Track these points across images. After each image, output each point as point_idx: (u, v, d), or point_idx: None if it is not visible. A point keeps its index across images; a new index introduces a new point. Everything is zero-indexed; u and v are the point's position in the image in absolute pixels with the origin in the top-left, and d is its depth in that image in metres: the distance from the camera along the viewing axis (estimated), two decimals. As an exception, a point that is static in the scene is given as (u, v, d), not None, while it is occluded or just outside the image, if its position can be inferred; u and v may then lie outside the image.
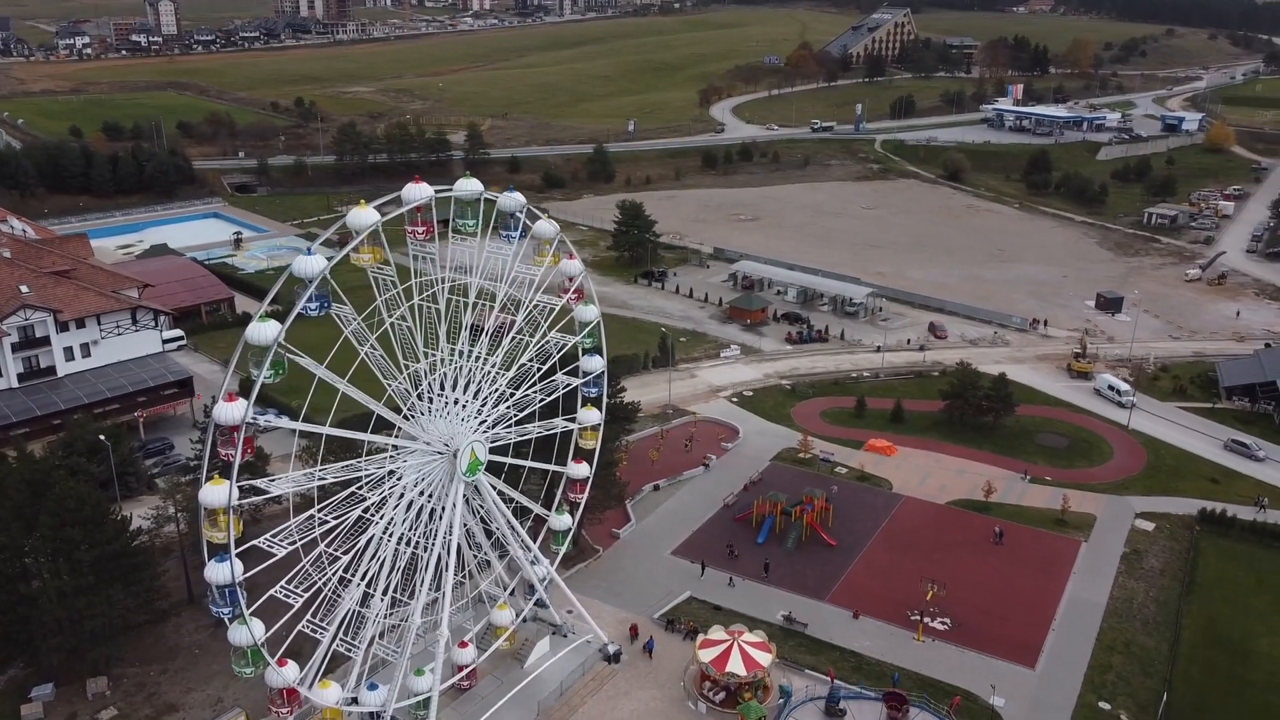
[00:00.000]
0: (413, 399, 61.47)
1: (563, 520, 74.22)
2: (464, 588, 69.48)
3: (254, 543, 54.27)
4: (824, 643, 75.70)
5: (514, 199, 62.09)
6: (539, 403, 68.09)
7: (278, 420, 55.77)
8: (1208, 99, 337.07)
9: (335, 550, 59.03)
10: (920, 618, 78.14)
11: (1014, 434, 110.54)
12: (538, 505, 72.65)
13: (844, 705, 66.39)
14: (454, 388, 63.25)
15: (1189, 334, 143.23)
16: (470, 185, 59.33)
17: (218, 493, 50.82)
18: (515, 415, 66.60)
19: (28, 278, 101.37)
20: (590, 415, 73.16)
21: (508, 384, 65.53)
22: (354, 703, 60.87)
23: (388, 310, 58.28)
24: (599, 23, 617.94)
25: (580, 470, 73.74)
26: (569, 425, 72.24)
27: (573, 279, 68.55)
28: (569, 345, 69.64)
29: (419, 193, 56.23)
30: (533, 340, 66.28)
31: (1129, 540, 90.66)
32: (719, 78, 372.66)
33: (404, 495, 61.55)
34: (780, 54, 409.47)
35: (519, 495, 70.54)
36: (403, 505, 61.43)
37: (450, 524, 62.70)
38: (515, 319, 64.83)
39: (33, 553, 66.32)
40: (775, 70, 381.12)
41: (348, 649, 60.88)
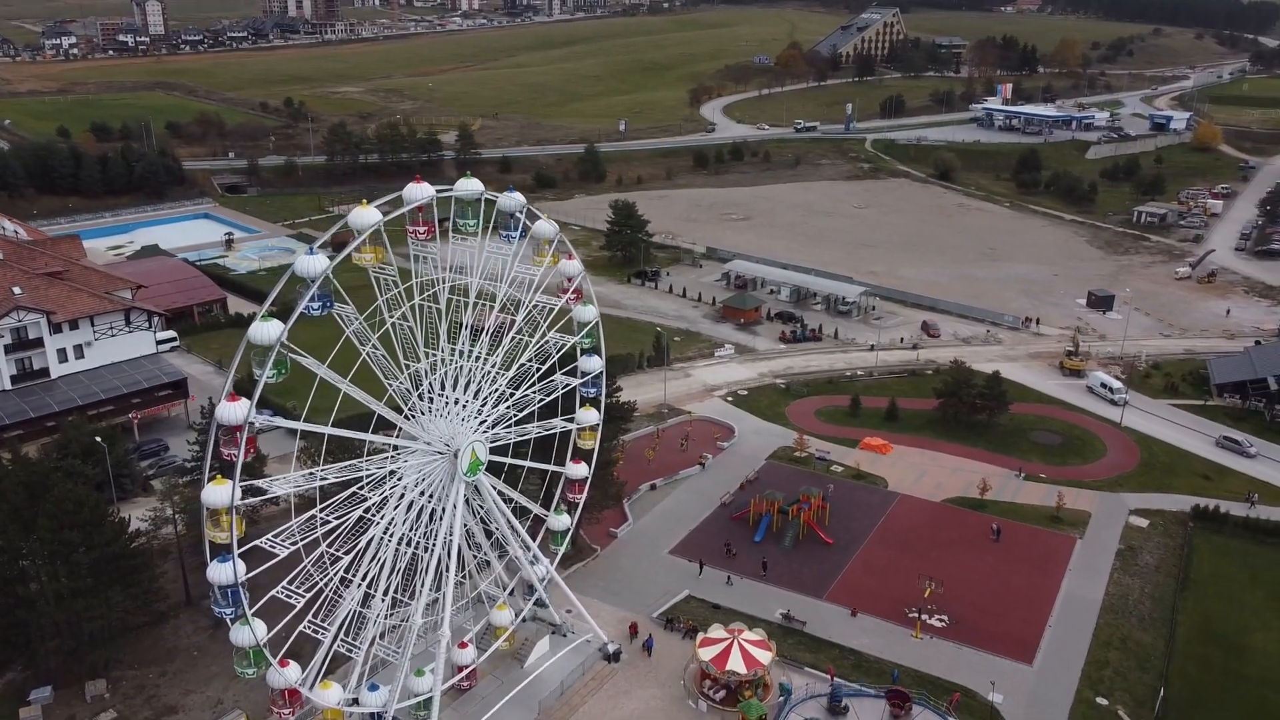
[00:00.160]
0: (413, 399, 61.45)
1: (561, 520, 74.30)
2: (464, 588, 69.47)
3: (256, 543, 54.16)
4: (823, 640, 75.97)
5: (514, 199, 62.14)
6: (538, 403, 68.17)
7: (279, 420, 55.44)
8: (1195, 98, 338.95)
9: (336, 550, 58.98)
10: (918, 615, 78.46)
11: (1008, 432, 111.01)
12: (537, 505, 72.70)
13: (847, 703, 66.55)
14: (454, 387, 63.25)
15: (1180, 332, 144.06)
16: (471, 185, 59.41)
17: (220, 493, 50.70)
18: (515, 415, 66.68)
19: (20, 279, 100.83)
20: (589, 415, 73.24)
21: (507, 384, 65.60)
22: (355, 703, 60.84)
23: (388, 310, 58.24)
24: (588, 22, 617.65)
25: (579, 470, 73.79)
26: (568, 425, 72.32)
27: (572, 279, 68.64)
28: (568, 345, 69.72)
29: (420, 192, 56.28)
30: (532, 340, 66.35)
31: (1123, 537, 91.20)
32: (709, 77, 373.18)
33: (404, 495, 61.54)
34: (770, 54, 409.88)
35: (518, 495, 70.57)
36: (403, 505, 61.43)
37: (451, 524, 62.70)
38: (514, 319, 64.89)
39: (31, 555, 66.05)
40: (765, 70, 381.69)
41: (348, 649, 60.89)
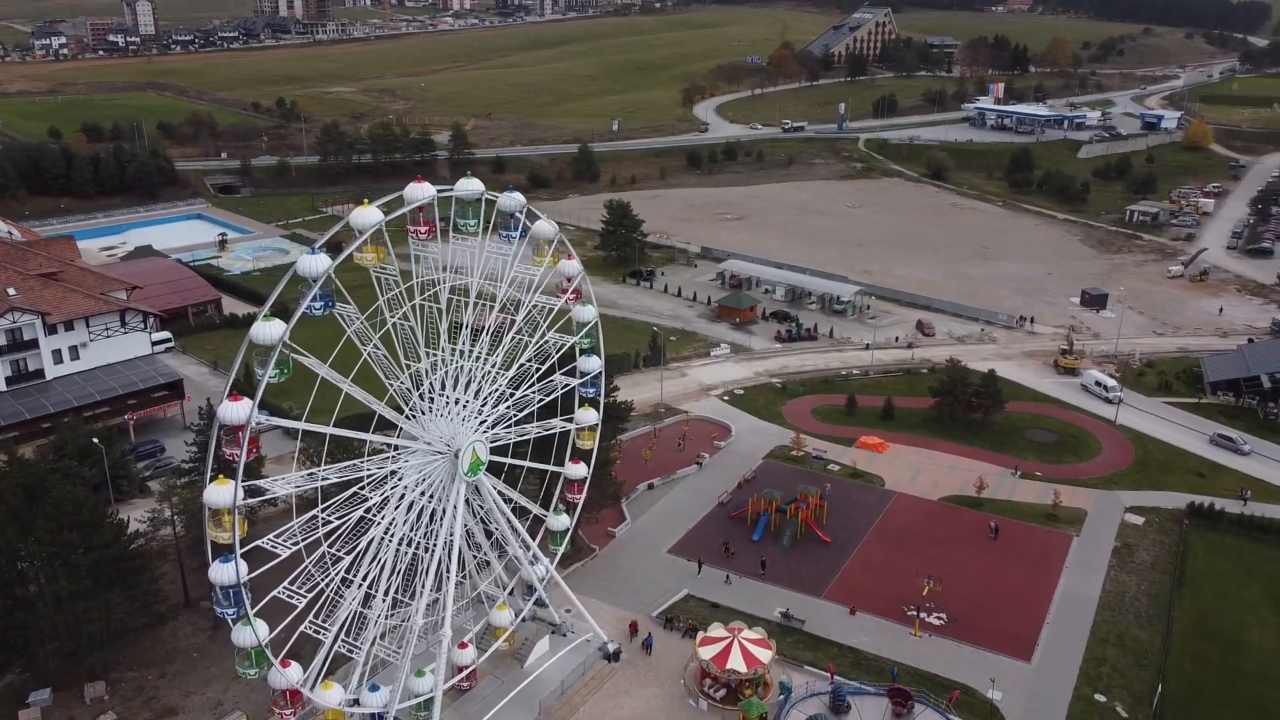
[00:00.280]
0: (414, 399, 61.43)
1: (561, 521, 74.35)
2: (463, 588, 69.44)
3: (258, 543, 54.08)
4: (822, 639, 76.13)
5: (514, 199, 62.14)
6: (537, 403, 68.18)
7: (280, 421, 55.34)
8: (1186, 97, 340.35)
9: (337, 551, 58.93)
10: (916, 613, 78.69)
11: (1003, 430, 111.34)
12: (536, 506, 72.71)
13: (849, 701, 66.67)
14: (454, 387, 63.24)
15: (1173, 330, 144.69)
16: (471, 185, 59.45)
17: (223, 493, 50.65)
18: (515, 415, 66.68)
19: (15, 280, 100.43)
20: (588, 415, 73.28)
21: (507, 384, 65.61)
22: (355, 704, 60.77)
23: (389, 310, 58.22)
24: (580, 22, 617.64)
25: (578, 470, 73.84)
26: (567, 426, 72.34)
27: (571, 279, 68.67)
28: (567, 345, 69.74)
29: (421, 192, 56.32)
30: (532, 340, 66.37)
31: (1119, 534, 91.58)
32: (701, 77, 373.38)
33: (405, 496, 61.50)
34: (762, 54, 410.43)
35: (518, 495, 70.57)
36: (404, 506, 61.39)
37: (452, 524, 62.68)
38: (514, 319, 64.90)
39: (29, 557, 65.79)
40: (758, 70, 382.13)
41: (349, 650, 60.86)
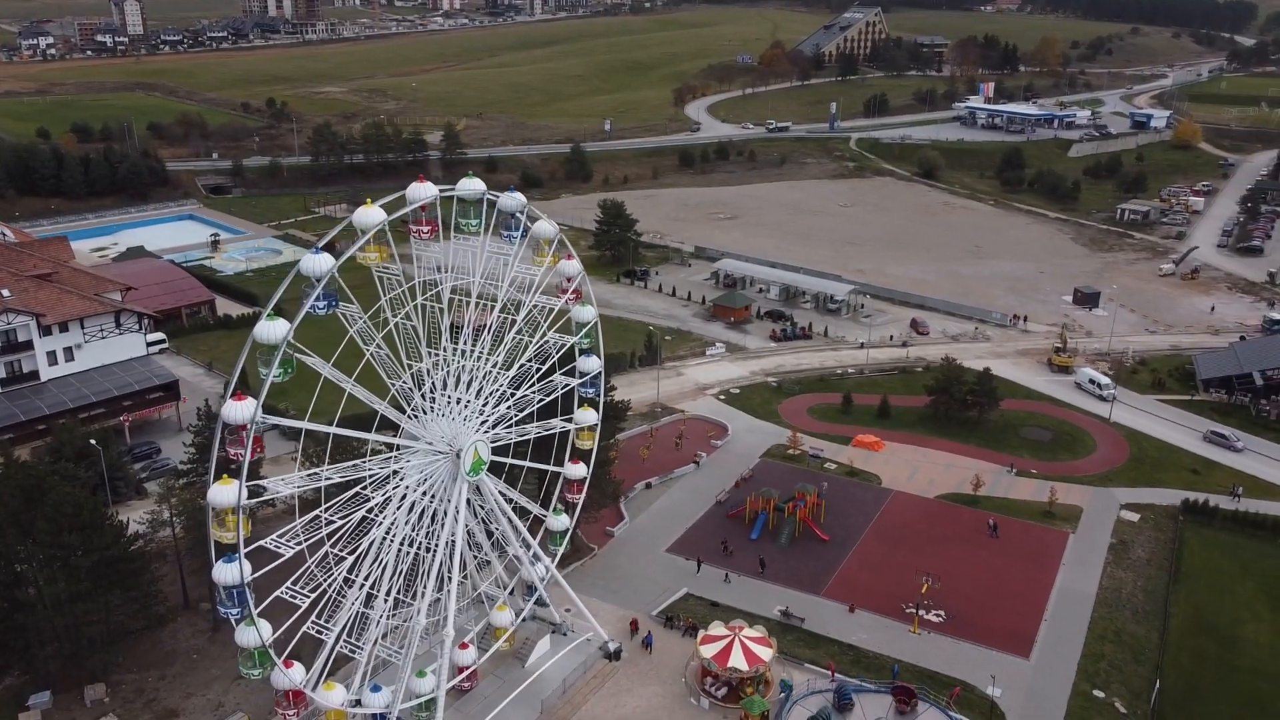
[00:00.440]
0: (416, 398, 61.40)
1: (560, 521, 74.38)
2: (464, 588, 69.42)
3: (261, 543, 53.97)
4: (821, 637, 76.37)
5: (515, 199, 62.12)
6: (537, 403, 68.19)
7: (284, 420, 55.23)
8: (1174, 96, 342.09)
9: (340, 551, 58.87)
10: (915, 610, 78.99)
11: (999, 428, 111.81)
12: (536, 506, 72.73)
13: (854, 699, 66.83)
14: (456, 386, 63.22)
15: (1165, 328, 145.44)
16: (473, 185, 59.48)
17: (226, 493, 50.60)
18: (515, 415, 66.68)
19: (9, 281, 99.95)
20: (587, 415, 73.33)
21: (507, 384, 65.61)
22: (358, 704, 60.72)
23: (392, 309, 58.18)
24: (570, 22, 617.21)
25: (577, 471, 73.92)
26: (567, 426, 72.37)
27: (571, 279, 68.67)
28: (567, 346, 69.77)
29: (424, 192, 56.32)
30: (532, 340, 66.39)
31: (1115, 531, 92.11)
32: (693, 77, 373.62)
33: (406, 496, 61.44)
34: (753, 53, 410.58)
35: (518, 495, 70.57)
36: (405, 506, 61.32)
37: (454, 524, 62.66)
38: (514, 319, 64.89)
39: (28, 559, 65.53)
40: (749, 69, 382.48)
41: (351, 650, 60.83)
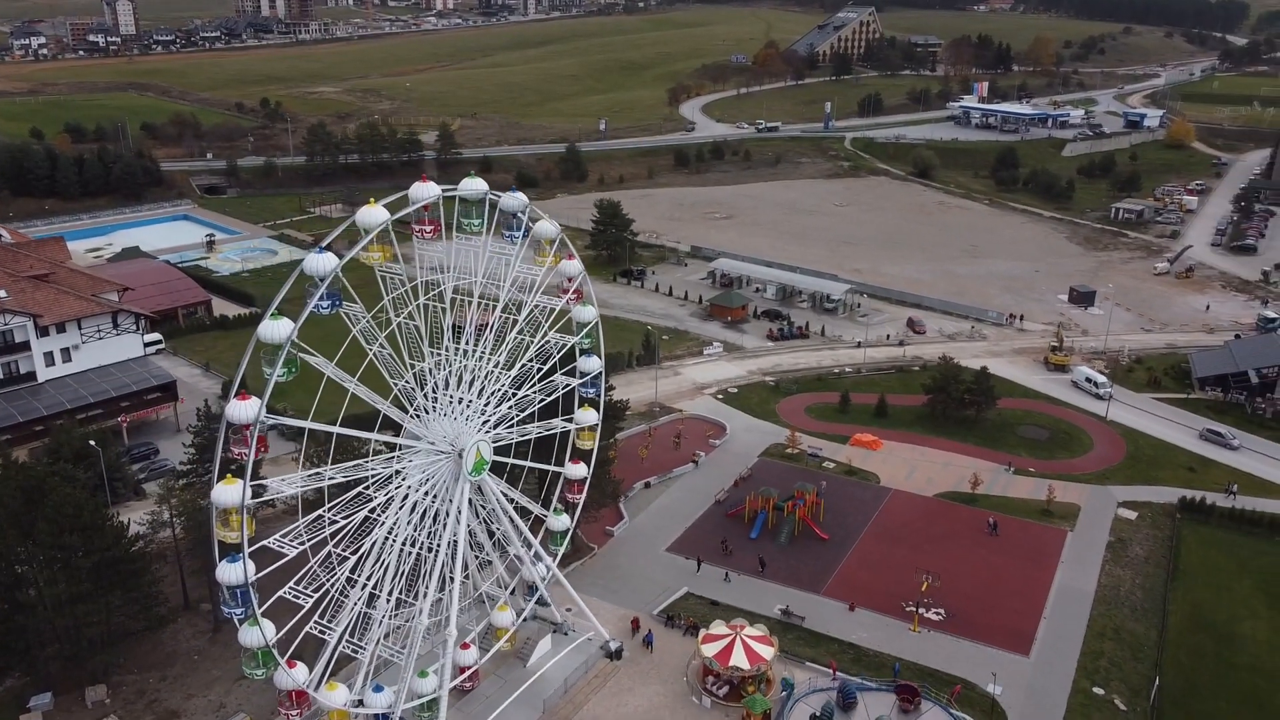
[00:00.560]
0: (419, 398, 61.40)
1: (561, 521, 74.38)
2: (465, 588, 69.40)
3: (264, 542, 53.93)
4: (822, 635, 76.55)
5: (517, 199, 62.13)
6: (538, 403, 68.22)
7: (287, 420, 55.14)
8: (1167, 96, 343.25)
9: (343, 551, 58.85)
10: (915, 609, 79.19)
11: (996, 427, 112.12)
12: (537, 506, 72.76)
13: (858, 698, 67.01)
14: (458, 386, 63.23)
15: (1160, 326, 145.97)
16: (475, 184, 59.55)
17: (231, 492, 50.59)
18: (516, 415, 66.71)
19: (5, 282, 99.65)
20: (588, 416, 73.38)
21: (509, 384, 65.65)
22: (360, 705, 60.70)
23: (394, 309, 58.18)
24: (563, 22, 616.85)
25: (578, 471, 73.98)
26: (568, 426, 72.40)
27: (572, 279, 68.72)
28: (568, 346, 69.81)
29: (427, 191, 56.34)
30: (534, 340, 66.43)
31: (1113, 529, 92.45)
32: (687, 76, 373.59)
33: (408, 497, 61.42)
34: (747, 53, 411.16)
35: (519, 495, 70.60)
36: (407, 506, 61.31)
37: (456, 524, 62.66)
38: (515, 318, 64.93)
39: (29, 560, 65.37)
40: (743, 69, 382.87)
41: (353, 650, 60.82)
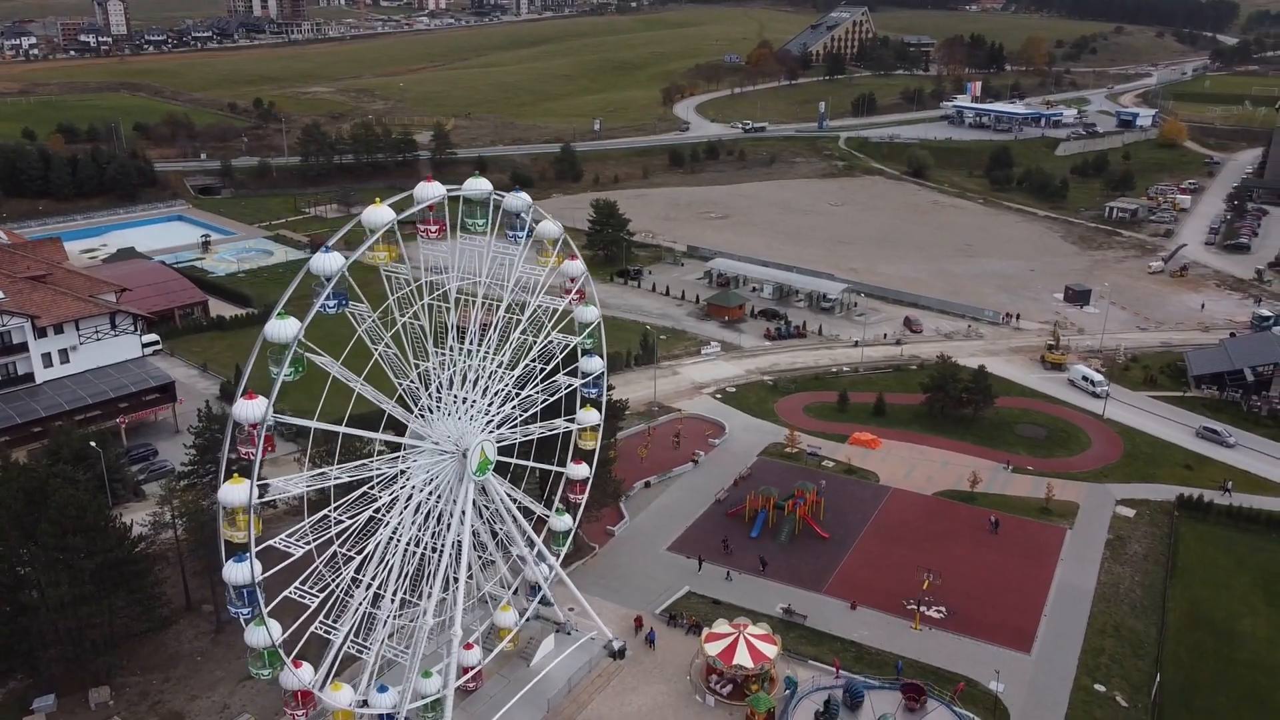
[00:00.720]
0: (423, 398, 61.42)
1: (563, 521, 74.35)
2: (469, 588, 69.37)
3: (270, 542, 53.93)
4: (824, 634, 76.75)
5: (520, 199, 62.16)
6: (541, 403, 68.26)
7: (294, 419, 55.11)
8: (1159, 95, 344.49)
9: (349, 551, 58.85)
10: (916, 607, 79.43)
11: (994, 425, 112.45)
12: (540, 506, 72.80)
13: (865, 696, 67.22)
14: (461, 385, 63.25)
15: (1156, 325, 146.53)
16: (480, 184, 59.59)
17: (238, 492, 50.56)
18: (520, 415, 66.75)
19: (3, 283, 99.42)
20: (590, 416, 73.41)
21: (512, 384, 65.70)
22: (364, 705, 60.68)
23: (399, 309, 58.20)
24: (556, 22, 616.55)
25: (580, 471, 74.03)
26: (570, 426, 72.43)
27: (575, 279, 68.76)
28: (571, 346, 69.84)
29: (432, 191, 56.38)
30: (537, 340, 66.48)
31: (1112, 526, 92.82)
32: (680, 76, 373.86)
33: (413, 497, 61.42)
34: (740, 53, 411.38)
35: (522, 495, 70.64)
36: (412, 505, 61.31)
37: (460, 524, 62.69)
38: (518, 318, 64.98)
39: (31, 562, 65.19)
40: (737, 69, 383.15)
41: (358, 650, 60.80)
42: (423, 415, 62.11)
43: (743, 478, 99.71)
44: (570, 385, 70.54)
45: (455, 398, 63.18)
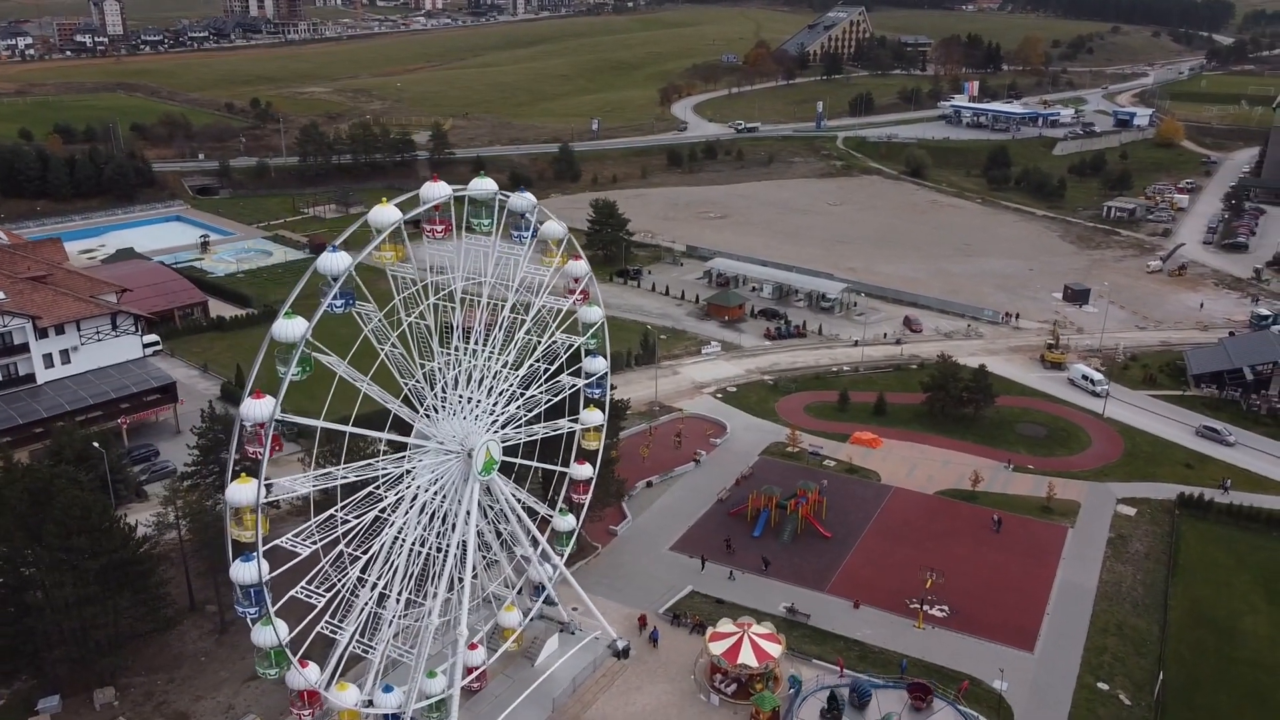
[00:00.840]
0: (429, 398, 61.46)
1: (567, 521, 74.44)
2: (473, 588, 69.39)
3: (277, 542, 53.95)
4: (827, 633, 76.90)
5: (525, 199, 62.24)
6: (545, 403, 68.34)
7: (300, 419, 55.10)
8: (1156, 95, 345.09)
9: (353, 550, 58.88)
10: (919, 605, 79.59)
11: (994, 424, 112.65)
12: (544, 506, 72.88)
13: (872, 695, 67.35)
14: (466, 385, 63.31)
15: (1155, 324, 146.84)
16: (485, 184, 59.62)
17: (245, 491, 50.57)
18: (524, 416, 66.82)
19: (4, 283, 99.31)
20: (593, 416, 73.53)
21: (517, 384, 65.77)
22: (370, 705, 60.72)
23: (406, 308, 58.23)
24: (553, 21, 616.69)
25: (583, 471, 74.14)
26: (574, 426, 72.51)
27: (579, 280, 68.82)
28: (575, 346, 69.94)
29: (438, 191, 56.43)
30: (541, 340, 66.57)
31: (1113, 525, 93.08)
32: (678, 76, 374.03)
33: (418, 497, 61.48)
34: (737, 53, 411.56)
35: (526, 495, 70.70)
36: (418, 505, 61.37)
37: (466, 524, 62.75)
38: (523, 318, 65.07)
39: (36, 562, 65.14)
40: (734, 69, 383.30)
41: (363, 650, 60.86)
42: (428, 415, 62.16)
43: (744, 477, 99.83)
44: (574, 385, 70.66)
45: (460, 398, 63.26)
